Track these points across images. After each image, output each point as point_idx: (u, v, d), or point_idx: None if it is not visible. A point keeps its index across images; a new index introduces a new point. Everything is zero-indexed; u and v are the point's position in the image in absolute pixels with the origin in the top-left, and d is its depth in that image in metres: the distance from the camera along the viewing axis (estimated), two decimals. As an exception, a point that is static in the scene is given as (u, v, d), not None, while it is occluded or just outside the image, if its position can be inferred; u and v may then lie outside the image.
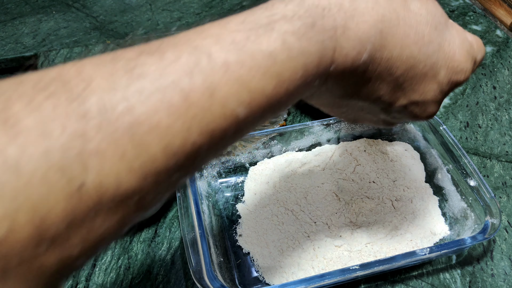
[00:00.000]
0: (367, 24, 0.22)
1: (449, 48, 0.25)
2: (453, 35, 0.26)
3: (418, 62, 0.24)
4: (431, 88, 0.25)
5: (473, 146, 0.54)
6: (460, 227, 0.43)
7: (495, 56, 0.67)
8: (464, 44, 0.26)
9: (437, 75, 0.25)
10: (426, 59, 0.24)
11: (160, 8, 0.77)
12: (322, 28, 0.21)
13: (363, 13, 0.22)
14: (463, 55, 0.26)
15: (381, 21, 0.22)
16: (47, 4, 0.77)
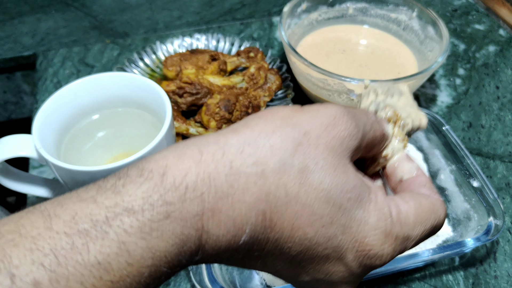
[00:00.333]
0: (246, 204, 0.18)
1: (358, 229, 0.21)
2: (367, 214, 0.21)
3: (315, 244, 0.20)
4: (338, 270, 0.21)
5: (476, 147, 0.54)
6: (463, 229, 0.43)
7: (498, 55, 0.67)
8: (380, 224, 0.21)
9: (343, 258, 0.21)
10: (327, 242, 0.20)
11: (160, 7, 0.76)
12: (181, 217, 0.17)
13: (242, 190, 0.18)
14: (378, 238, 0.21)
15: (265, 201, 0.19)
16: (46, 4, 0.77)
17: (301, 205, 0.19)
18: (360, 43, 0.62)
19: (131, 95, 0.43)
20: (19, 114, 0.78)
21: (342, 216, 0.20)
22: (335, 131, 0.21)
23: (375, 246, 0.21)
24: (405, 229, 0.22)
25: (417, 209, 0.22)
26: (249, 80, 0.56)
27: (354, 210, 0.20)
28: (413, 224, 0.22)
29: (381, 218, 0.21)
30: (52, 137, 0.39)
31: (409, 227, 0.22)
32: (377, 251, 0.21)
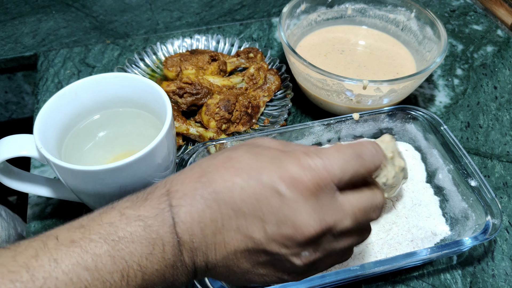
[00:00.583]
0: (191, 182, 0.27)
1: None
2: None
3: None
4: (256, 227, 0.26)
5: (474, 146, 0.54)
6: (461, 228, 0.43)
7: (496, 56, 0.67)
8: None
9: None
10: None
11: (160, 7, 0.77)
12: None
13: (186, 176, 0.27)
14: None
15: (204, 175, 0.27)
16: (46, 4, 0.77)
17: (226, 167, 0.26)
18: (359, 44, 0.62)
19: (132, 95, 0.43)
20: (20, 114, 0.78)
21: (258, 162, 0.26)
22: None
23: (292, 168, 0.25)
24: (319, 154, 0.26)
25: (335, 146, 0.28)
26: (249, 80, 0.57)
27: (268, 158, 0.26)
28: (329, 151, 0.26)
29: (292, 154, 0.27)
30: (53, 137, 0.40)
31: (322, 152, 0.26)
32: (296, 171, 0.25)
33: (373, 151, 0.27)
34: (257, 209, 0.25)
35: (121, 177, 0.36)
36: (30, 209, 0.48)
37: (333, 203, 0.26)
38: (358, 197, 0.27)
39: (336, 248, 0.27)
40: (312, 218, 0.25)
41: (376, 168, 0.27)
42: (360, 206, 0.26)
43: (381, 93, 0.50)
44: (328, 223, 0.25)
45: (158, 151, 0.37)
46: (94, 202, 0.41)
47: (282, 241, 0.25)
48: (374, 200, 0.27)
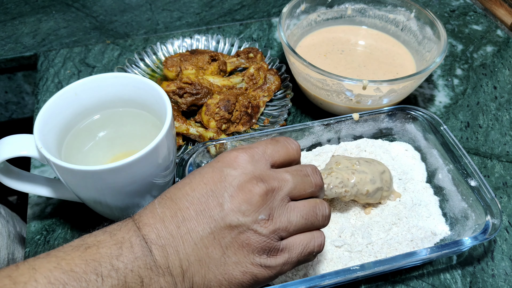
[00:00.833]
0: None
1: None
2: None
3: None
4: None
5: (474, 146, 0.54)
6: (461, 228, 0.43)
7: (495, 56, 0.67)
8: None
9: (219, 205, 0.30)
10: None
11: (160, 8, 0.77)
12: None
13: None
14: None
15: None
16: (47, 4, 0.77)
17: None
18: (358, 44, 0.62)
19: (132, 95, 0.43)
20: (20, 114, 0.78)
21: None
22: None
23: (229, 153, 0.31)
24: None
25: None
26: (249, 80, 0.57)
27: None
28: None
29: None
30: (53, 137, 0.40)
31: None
32: (230, 153, 0.31)
33: (284, 137, 0.34)
34: (207, 190, 0.29)
35: (121, 177, 0.36)
36: (30, 209, 0.48)
37: (270, 171, 0.31)
38: (290, 166, 0.33)
39: (291, 215, 0.31)
40: (256, 180, 0.29)
41: (291, 148, 0.33)
42: (295, 169, 0.32)
43: (381, 93, 0.50)
44: (271, 184, 0.30)
45: (158, 151, 0.37)
46: (94, 202, 0.41)
47: (237, 208, 0.29)
48: (304, 167, 0.33)
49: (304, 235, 0.32)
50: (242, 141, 0.48)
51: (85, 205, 0.43)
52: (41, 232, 0.46)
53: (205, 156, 0.47)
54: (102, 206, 0.41)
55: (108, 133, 0.44)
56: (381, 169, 0.44)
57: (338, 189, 0.42)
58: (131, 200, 0.40)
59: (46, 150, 0.36)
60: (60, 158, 0.38)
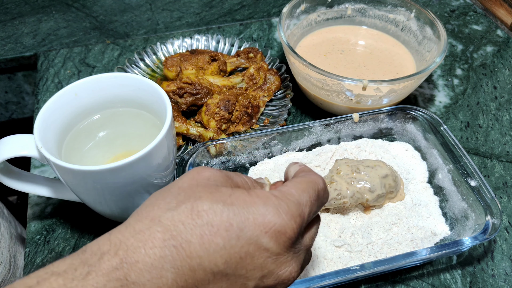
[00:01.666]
0: (157, 248, 0.21)
1: (255, 215, 0.24)
2: (254, 204, 0.25)
3: (231, 247, 0.23)
4: (264, 258, 0.24)
5: (474, 146, 0.54)
6: (461, 228, 0.43)
7: (495, 56, 0.67)
8: (269, 203, 0.25)
9: (259, 244, 0.24)
10: (237, 240, 0.23)
11: (160, 7, 0.77)
12: (101, 273, 0.20)
13: (149, 240, 0.22)
14: (272, 213, 0.24)
15: (171, 237, 0.22)
16: (47, 4, 0.77)
17: (199, 225, 0.23)
18: (358, 44, 0.62)
19: (132, 95, 0.43)
20: (20, 114, 0.78)
21: (235, 216, 0.23)
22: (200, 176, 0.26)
23: (275, 219, 0.24)
24: (292, 199, 0.25)
25: (296, 184, 0.27)
26: (249, 80, 0.57)
27: (241, 207, 0.24)
28: (297, 193, 0.26)
29: (266, 201, 0.25)
30: (53, 137, 0.40)
31: (295, 197, 0.26)
32: (279, 223, 0.24)
33: (324, 188, 0.28)
34: (241, 267, 0.23)
35: (121, 177, 0.36)
36: (30, 209, 0.48)
37: (301, 245, 0.27)
38: (312, 230, 0.28)
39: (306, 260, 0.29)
40: (294, 271, 0.25)
41: (323, 204, 0.29)
42: (314, 236, 0.28)
43: (381, 93, 0.50)
44: (302, 269, 0.27)
45: (158, 151, 0.37)
46: (94, 202, 0.41)
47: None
48: (318, 226, 0.29)
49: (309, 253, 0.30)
50: (242, 141, 0.48)
51: (85, 205, 0.43)
52: (41, 232, 0.46)
53: (205, 156, 0.47)
54: (102, 206, 0.41)
55: (108, 133, 0.44)
56: (383, 173, 0.44)
57: (336, 201, 0.43)
58: (131, 200, 0.40)
59: (46, 150, 0.36)
60: (60, 158, 0.38)
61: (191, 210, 0.23)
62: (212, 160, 0.48)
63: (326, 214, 0.44)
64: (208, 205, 0.23)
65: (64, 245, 0.45)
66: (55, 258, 0.44)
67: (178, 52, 0.63)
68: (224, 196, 0.24)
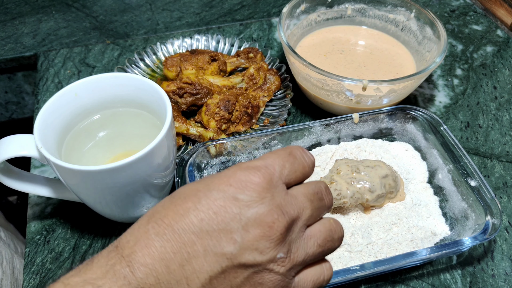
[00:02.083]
0: (141, 226, 0.25)
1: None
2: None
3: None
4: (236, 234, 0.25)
5: (474, 146, 0.54)
6: (461, 228, 0.43)
7: (495, 56, 0.67)
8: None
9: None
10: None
11: (160, 8, 0.77)
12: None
13: (133, 226, 0.26)
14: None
15: (152, 216, 0.25)
16: (47, 4, 0.77)
17: (173, 201, 0.26)
18: (358, 44, 0.62)
19: (132, 96, 0.43)
20: (20, 114, 0.78)
21: (202, 182, 0.26)
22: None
23: (237, 173, 0.26)
24: (258, 159, 0.27)
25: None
26: (249, 80, 0.57)
27: (211, 177, 0.26)
28: (266, 155, 0.27)
29: (233, 166, 0.27)
30: (53, 137, 0.40)
31: (261, 157, 0.27)
32: (242, 173, 0.26)
33: (301, 150, 0.28)
34: (219, 222, 0.24)
35: (121, 177, 0.36)
36: (30, 209, 0.48)
37: (288, 197, 0.26)
38: (305, 187, 0.28)
39: (309, 246, 0.27)
40: (276, 212, 0.25)
41: (308, 166, 0.28)
42: (312, 192, 0.28)
43: (381, 93, 0.50)
44: (291, 215, 0.26)
45: (158, 151, 0.37)
46: (94, 202, 0.41)
47: (254, 245, 0.24)
48: (320, 185, 0.28)
49: (315, 269, 0.28)
50: (242, 141, 0.48)
51: (85, 205, 0.43)
52: (41, 232, 0.46)
53: (205, 156, 0.47)
54: (102, 206, 0.41)
55: (108, 133, 0.44)
56: (383, 174, 0.44)
57: (336, 201, 0.43)
58: (131, 200, 0.40)
59: (46, 150, 0.36)
60: (60, 158, 0.38)
61: (169, 197, 0.26)
62: (212, 160, 0.48)
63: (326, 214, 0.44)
64: (182, 189, 0.26)
65: (64, 245, 0.45)
66: (55, 258, 0.44)
67: (178, 52, 0.63)
68: (196, 181, 0.28)
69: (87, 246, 0.45)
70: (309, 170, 0.28)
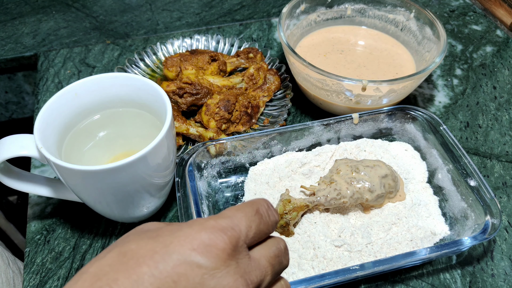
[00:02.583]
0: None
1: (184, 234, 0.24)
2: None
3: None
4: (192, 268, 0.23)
5: (473, 146, 0.54)
6: (460, 227, 0.43)
7: (495, 56, 0.67)
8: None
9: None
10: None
11: (160, 8, 0.77)
12: None
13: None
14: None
15: (98, 279, 0.22)
16: (47, 4, 0.77)
17: (124, 262, 0.22)
18: (358, 44, 0.63)
19: (132, 96, 0.43)
20: (20, 114, 0.78)
21: (159, 243, 0.23)
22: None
23: (200, 235, 0.23)
24: (221, 216, 0.25)
25: (231, 207, 0.26)
26: (249, 80, 0.57)
27: (167, 235, 0.23)
28: (229, 212, 0.25)
29: (192, 223, 0.24)
30: (53, 137, 0.40)
31: (225, 214, 0.25)
32: (206, 236, 0.23)
33: (267, 207, 0.27)
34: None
35: (121, 177, 0.36)
36: (30, 209, 0.48)
37: (251, 262, 0.24)
38: (267, 248, 0.26)
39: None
40: (239, 282, 0.23)
41: (271, 225, 0.27)
42: (273, 255, 0.26)
43: (381, 93, 0.50)
44: (254, 282, 0.24)
45: (158, 151, 0.37)
46: (94, 202, 0.41)
47: None
48: (280, 246, 0.27)
49: None
50: (242, 141, 0.48)
51: (85, 205, 0.43)
52: (41, 232, 0.46)
53: (205, 156, 0.47)
54: (102, 206, 0.41)
55: (108, 133, 0.44)
56: (383, 173, 0.44)
57: (336, 201, 0.43)
58: (131, 200, 0.40)
59: (46, 150, 0.36)
60: (60, 158, 0.38)
61: (118, 253, 0.23)
62: (212, 160, 0.48)
63: (326, 214, 0.44)
64: (134, 244, 0.23)
65: (64, 245, 0.45)
66: (55, 257, 0.44)
67: (178, 52, 0.63)
68: (150, 233, 0.24)
69: (87, 246, 0.45)
70: (272, 230, 0.27)
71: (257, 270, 0.24)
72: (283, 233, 0.43)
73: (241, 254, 0.24)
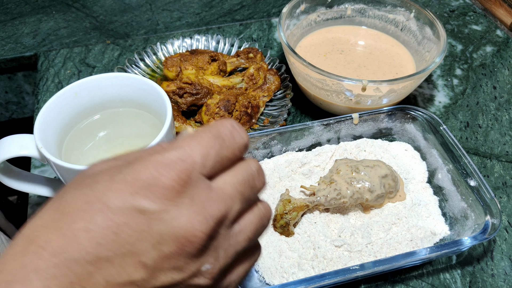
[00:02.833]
0: (16, 260, 0.19)
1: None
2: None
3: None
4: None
5: (473, 146, 0.54)
6: (460, 227, 0.43)
7: (495, 56, 0.67)
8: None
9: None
10: None
11: (160, 8, 0.77)
12: None
13: (6, 256, 0.19)
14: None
15: (30, 242, 0.19)
16: (47, 4, 0.77)
17: (57, 220, 0.20)
18: (358, 44, 0.63)
19: (132, 96, 0.43)
20: (20, 114, 0.78)
21: (92, 192, 0.20)
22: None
23: (140, 174, 0.20)
24: (170, 147, 0.21)
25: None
26: (249, 80, 0.57)
27: (103, 181, 0.20)
28: (180, 142, 0.22)
29: (133, 161, 0.21)
30: (53, 137, 0.40)
31: (174, 144, 0.21)
32: (146, 175, 0.20)
33: (231, 128, 0.22)
34: (121, 244, 0.19)
35: (121, 177, 0.36)
36: (30, 209, 0.48)
37: (212, 194, 0.21)
38: (233, 174, 0.22)
39: (238, 242, 0.22)
40: (195, 219, 0.20)
41: (239, 149, 0.23)
42: (241, 180, 0.22)
43: (381, 93, 0.50)
44: (216, 217, 0.21)
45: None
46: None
47: (171, 264, 0.20)
48: (250, 168, 0.23)
49: (244, 265, 0.24)
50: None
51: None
52: (41, 232, 0.46)
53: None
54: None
55: (108, 133, 0.44)
56: (383, 173, 0.44)
57: (336, 201, 0.43)
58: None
59: (46, 150, 0.36)
60: (60, 158, 0.38)
61: (54, 210, 0.20)
62: (212, 160, 0.48)
63: (326, 214, 0.44)
64: (69, 195, 0.20)
65: (64, 245, 0.45)
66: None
67: (178, 52, 0.63)
68: (89, 179, 0.21)
69: (87, 246, 0.45)
70: (239, 154, 0.23)
71: (219, 201, 0.21)
72: (283, 233, 0.43)
73: (197, 188, 0.20)
